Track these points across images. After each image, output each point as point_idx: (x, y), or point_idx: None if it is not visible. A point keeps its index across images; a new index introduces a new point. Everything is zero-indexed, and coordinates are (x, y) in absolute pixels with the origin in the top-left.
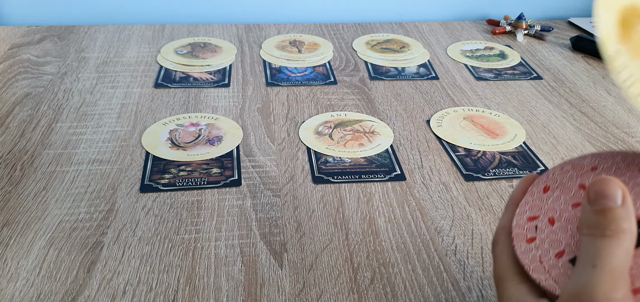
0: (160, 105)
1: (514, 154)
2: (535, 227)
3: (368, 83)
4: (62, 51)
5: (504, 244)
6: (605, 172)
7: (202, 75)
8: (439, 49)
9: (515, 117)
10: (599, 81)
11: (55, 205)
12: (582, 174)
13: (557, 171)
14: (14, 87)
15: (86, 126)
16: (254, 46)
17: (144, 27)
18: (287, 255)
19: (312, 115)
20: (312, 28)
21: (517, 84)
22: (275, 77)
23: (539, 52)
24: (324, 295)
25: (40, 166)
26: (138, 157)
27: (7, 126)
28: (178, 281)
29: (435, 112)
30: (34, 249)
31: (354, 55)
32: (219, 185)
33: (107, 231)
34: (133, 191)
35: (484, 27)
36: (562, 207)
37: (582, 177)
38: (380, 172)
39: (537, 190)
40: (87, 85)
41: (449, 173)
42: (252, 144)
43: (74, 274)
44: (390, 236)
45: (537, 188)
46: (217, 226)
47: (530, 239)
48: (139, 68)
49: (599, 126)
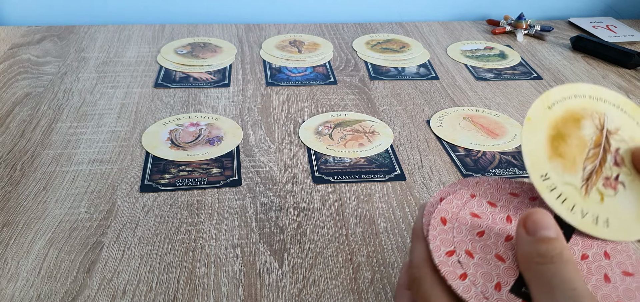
0: (160, 105)
1: (514, 154)
2: (458, 262)
3: (368, 83)
4: (62, 51)
5: (433, 281)
6: (483, 198)
7: (202, 75)
8: (439, 49)
9: (515, 117)
10: (599, 81)
11: (55, 205)
12: (466, 203)
13: (443, 203)
14: (14, 87)
15: (86, 126)
16: (254, 46)
17: (144, 27)
18: (287, 255)
19: (312, 115)
20: (312, 28)
21: (517, 84)
22: (275, 77)
23: (539, 52)
24: (324, 295)
25: (40, 166)
26: (138, 157)
27: (7, 126)
28: (178, 281)
29: (435, 112)
30: (34, 249)
31: (354, 55)
32: (219, 185)
33: (107, 231)
34: (133, 191)
35: (484, 27)
36: (469, 238)
37: (468, 206)
38: (380, 172)
39: (436, 222)
40: (87, 85)
41: (449, 173)
42: (252, 144)
43: (74, 274)
44: (390, 236)
45: (435, 220)
46: (217, 226)
47: (462, 275)
48: (139, 68)
49: None
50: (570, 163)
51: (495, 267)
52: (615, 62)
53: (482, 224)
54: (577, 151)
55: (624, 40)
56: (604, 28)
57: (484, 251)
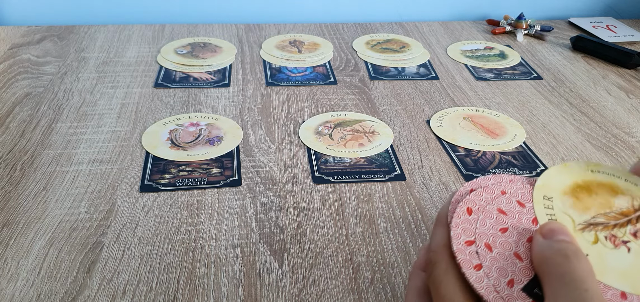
0: (160, 105)
1: (514, 154)
2: (476, 253)
3: (368, 83)
4: (62, 51)
5: (448, 267)
6: (514, 197)
7: (202, 75)
8: (439, 49)
9: (515, 117)
10: (599, 81)
11: (55, 205)
12: (495, 197)
13: (472, 194)
14: (14, 87)
15: (86, 126)
16: (254, 46)
17: (144, 27)
18: (287, 255)
19: (312, 115)
20: (312, 28)
21: (517, 84)
22: (275, 77)
23: (539, 52)
24: (324, 295)
25: (40, 166)
26: (138, 157)
27: (7, 126)
28: (178, 281)
29: (435, 112)
30: (34, 249)
31: (354, 55)
32: (219, 185)
33: (107, 231)
34: (133, 191)
35: (484, 27)
36: (491, 232)
37: (497, 201)
38: (380, 172)
39: (461, 211)
40: (87, 85)
41: (449, 173)
42: (252, 144)
43: (74, 274)
44: (390, 235)
45: (461, 209)
46: (217, 226)
47: (477, 266)
48: (139, 68)
49: (599, 126)
50: (583, 206)
51: (512, 264)
52: (615, 62)
53: (507, 221)
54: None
55: (624, 40)
56: (604, 28)
57: (504, 247)
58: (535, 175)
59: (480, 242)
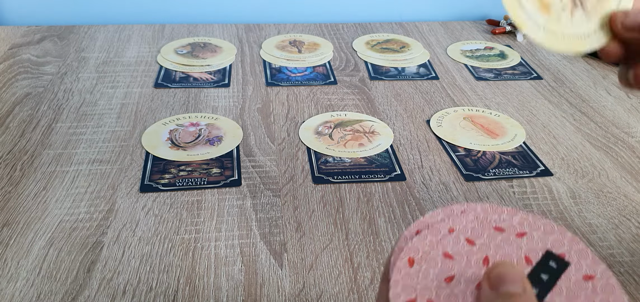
0: (160, 105)
1: (514, 154)
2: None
3: (368, 83)
4: (62, 51)
5: None
6: (462, 234)
7: (202, 75)
8: (439, 49)
9: (515, 117)
10: (599, 81)
11: (55, 205)
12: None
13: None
14: (14, 87)
15: (86, 126)
16: (254, 46)
17: (144, 27)
18: (287, 255)
19: (312, 115)
20: (312, 28)
21: (517, 84)
22: (275, 77)
23: (539, 52)
24: (324, 295)
25: (40, 166)
26: (138, 157)
27: (7, 126)
28: (178, 281)
29: (435, 112)
30: (34, 249)
31: (354, 55)
32: (219, 185)
33: (107, 231)
34: (133, 191)
35: (484, 27)
36: (435, 285)
37: (443, 244)
38: (380, 172)
39: (402, 264)
40: (87, 85)
41: (449, 173)
42: (252, 144)
43: (74, 274)
44: (390, 236)
45: (401, 262)
46: (217, 226)
47: None
48: (139, 68)
49: (599, 126)
50: None
51: None
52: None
53: (453, 267)
54: None
55: None
56: None
57: (449, 301)
58: (535, 175)
59: (422, 299)
